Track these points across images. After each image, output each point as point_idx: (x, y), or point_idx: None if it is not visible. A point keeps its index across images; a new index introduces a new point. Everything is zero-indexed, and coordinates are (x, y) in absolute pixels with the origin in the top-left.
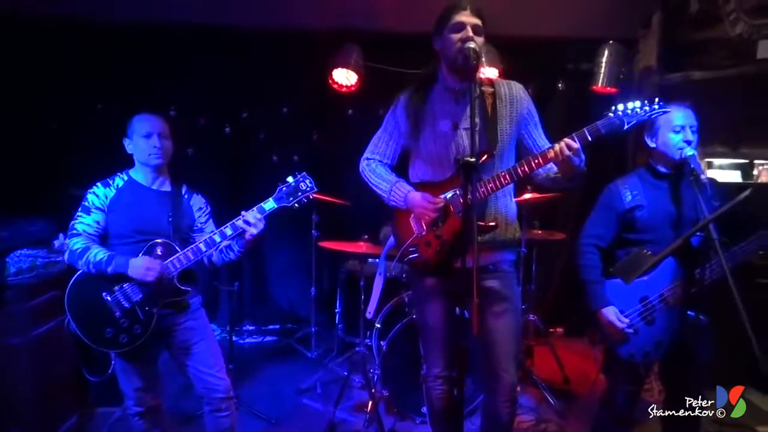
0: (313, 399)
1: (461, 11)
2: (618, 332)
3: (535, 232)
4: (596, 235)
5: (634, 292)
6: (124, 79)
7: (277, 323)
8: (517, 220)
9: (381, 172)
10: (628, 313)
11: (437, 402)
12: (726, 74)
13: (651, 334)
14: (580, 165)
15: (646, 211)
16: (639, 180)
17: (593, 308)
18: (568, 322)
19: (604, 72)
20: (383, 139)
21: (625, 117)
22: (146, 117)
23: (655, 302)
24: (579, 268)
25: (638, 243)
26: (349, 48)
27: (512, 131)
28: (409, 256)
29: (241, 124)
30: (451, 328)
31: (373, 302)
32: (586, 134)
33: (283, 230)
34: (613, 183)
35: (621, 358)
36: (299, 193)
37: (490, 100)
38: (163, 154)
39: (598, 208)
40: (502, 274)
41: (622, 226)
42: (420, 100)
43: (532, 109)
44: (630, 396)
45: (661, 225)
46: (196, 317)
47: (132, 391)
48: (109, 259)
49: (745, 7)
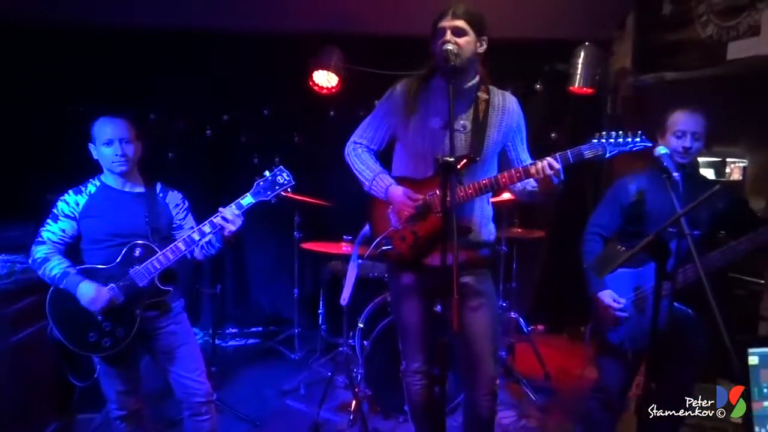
0: (297, 400)
1: (444, 17)
2: (613, 315)
3: (514, 230)
4: (600, 225)
5: (629, 281)
6: (102, 82)
7: (260, 325)
8: (492, 223)
9: (366, 159)
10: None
11: (417, 397)
12: (698, 75)
13: (642, 322)
14: (558, 185)
15: (648, 205)
16: (646, 177)
17: (591, 292)
18: (548, 319)
19: (580, 73)
20: (372, 124)
21: (609, 145)
22: (107, 121)
23: (648, 292)
24: (582, 254)
25: (639, 235)
26: (329, 50)
27: (499, 140)
28: (383, 248)
29: (222, 126)
30: (428, 324)
31: (347, 289)
32: (569, 156)
33: (265, 232)
34: (622, 178)
35: (612, 345)
36: (277, 187)
37: (483, 107)
38: (127, 160)
39: (605, 200)
40: (477, 271)
41: (626, 219)
42: (420, 90)
43: (522, 124)
44: (621, 383)
45: (661, 219)
46: (179, 321)
47: (114, 395)
48: (62, 276)
49: (715, 10)
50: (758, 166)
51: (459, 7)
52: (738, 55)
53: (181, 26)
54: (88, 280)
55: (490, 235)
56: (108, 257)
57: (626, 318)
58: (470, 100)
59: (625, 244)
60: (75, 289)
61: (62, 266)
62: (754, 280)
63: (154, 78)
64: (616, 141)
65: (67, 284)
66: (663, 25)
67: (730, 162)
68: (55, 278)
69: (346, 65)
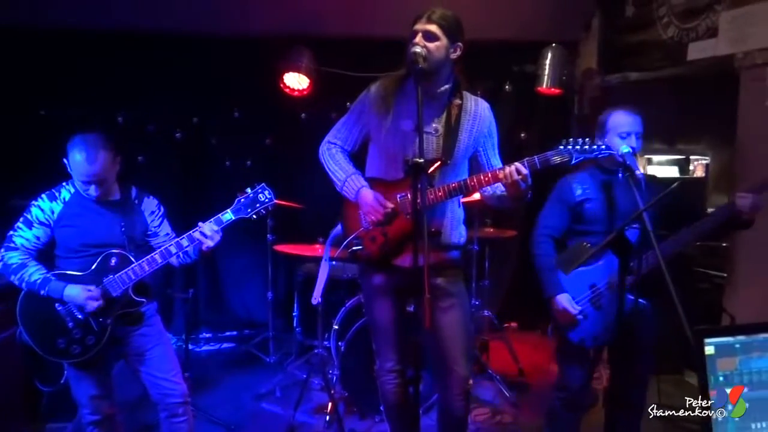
0: (273, 403)
1: (419, 20)
2: (570, 318)
3: (487, 230)
4: (550, 226)
5: (584, 279)
6: (69, 85)
7: (234, 329)
8: (463, 226)
9: (339, 160)
10: (579, 299)
11: (391, 396)
12: (660, 75)
13: (600, 319)
14: (526, 190)
15: (594, 204)
16: (588, 175)
17: (547, 295)
18: (521, 316)
19: (548, 74)
20: (347, 125)
21: (575, 152)
22: (84, 158)
23: (603, 289)
24: (534, 257)
25: (586, 234)
26: (300, 51)
27: (470, 145)
28: (354, 248)
29: (192, 129)
30: (400, 323)
31: (319, 287)
32: (536, 162)
33: (237, 235)
34: (564, 177)
35: (572, 343)
36: (258, 204)
37: (455, 111)
38: (99, 191)
39: (551, 201)
40: (448, 272)
41: (572, 218)
42: (391, 93)
43: (494, 130)
44: (581, 380)
45: (607, 217)
46: (151, 323)
47: (87, 400)
48: (43, 282)
49: (676, 12)
50: (720, 164)
51: (435, 12)
52: (697, 55)
53: (150, 29)
54: (71, 284)
55: (460, 237)
56: (83, 265)
57: (584, 317)
58: (443, 104)
59: (573, 242)
60: (61, 293)
61: (41, 273)
62: (717, 274)
63: (122, 81)
64: (582, 148)
65: (50, 290)
66: (626, 27)
67: (694, 159)
68: (36, 284)
69: (317, 67)
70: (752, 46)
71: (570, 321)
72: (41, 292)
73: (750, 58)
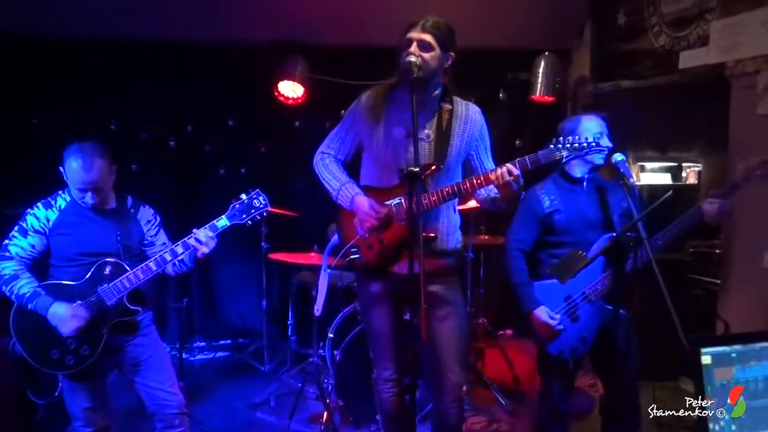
0: (267, 413)
1: (413, 28)
2: (550, 330)
3: (481, 237)
4: (520, 239)
5: (559, 291)
6: (62, 94)
7: (229, 338)
8: (459, 231)
9: (333, 169)
10: (555, 311)
11: (388, 405)
12: (652, 83)
13: (577, 331)
14: (518, 191)
15: (563, 215)
16: (554, 185)
17: (525, 310)
18: (516, 323)
19: (541, 81)
20: (339, 134)
21: (565, 150)
22: (81, 166)
23: (578, 300)
24: (508, 272)
25: (558, 245)
26: (294, 59)
27: (462, 149)
28: (351, 257)
29: (186, 137)
30: (398, 332)
31: (320, 299)
32: (527, 162)
33: (232, 243)
34: (531, 189)
35: (551, 356)
36: (252, 210)
37: (446, 116)
38: (96, 200)
39: (519, 213)
40: (444, 279)
41: (542, 230)
42: (384, 100)
43: (485, 133)
44: (562, 390)
45: (577, 227)
46: (146, 333)
47: (80, 412)
48: (32, 296)
49: (667, 21)
50: (712, 170)
51: (428, 21)
52: (689, 64)
53: (144, 36)
54: (60, 302)
55: (456, 243)
56: (77, 274)
57: (562, 330)
58: (434, 109)
59: (544, 254)
60: (46, 311)
61: (32, 286)
62: (710, 281)
63: (115, 88)
64: (572, 146)
65: (37, 305)
66: (618, 35)
67: (686, 166)
68: (24, 297)
69: (311, 75)
70: (743, 55)
71: (551, 333)
72: (29, 306)
73: (741, 66)
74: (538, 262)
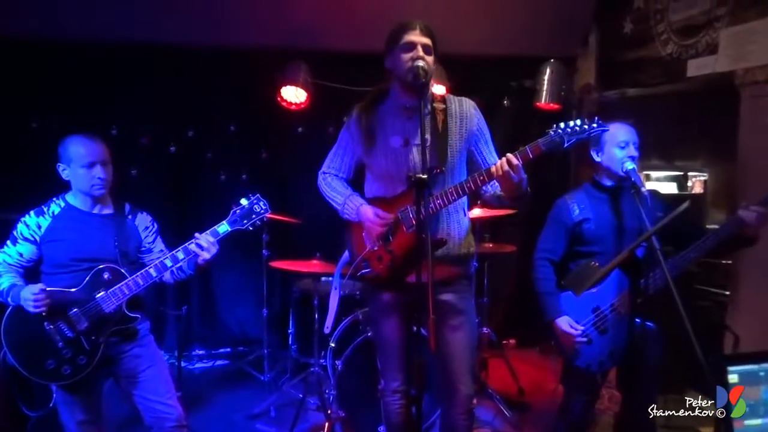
0: (267, 424)
1: (411, 30)
2: (572, 341)
3: (485, 245)
4: (548, 249)
5: (587, 303)
6: (61, 97)
7: (228, 346)
8: (471, 235)
9: (336, 186)
10: (582, 323)
11: (395, 417)
12: (659, 91)
13: (605, 344)
14: (521, 183)
15: (593, 224)
16: (585, 194)
17: (548, 319)
18: (520, 333)
19: (546, 89)
20: (338, 154)
21: (565, 135)
22: (84, 142)
23: (607, 312)
24: (534, 281)
25: (588, 255)
26: (296, 65)
27: (462, 147)
28: (362, 271)
29: (187, 142)
30: (407, 343)
31: (330, 317)
32: (527, 151)
33: (232, 250)
34: (561, 198)
35: (578, 369)
36: (253, 215)
37: (441, 117)
38: (106, 183)
39: (549, 223)
40: (458, 287)
41: (571, 240)
42: (372, 116)
43: (483, 126)
44: (585, 405)
45: (607, 237)
46: (144, 344)
47: (75, 425)
48: (9, 288)
49: (675, 28)
50: (718, 180)
51: (421, 23)
52: (697, 72)
53: (145, 40)
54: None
55: (469, 247)
56: (73, 282)
57: (588, 342)
58: (426, 113)
59: (574, 264)
60: (19, 298)
61: (12, 280)
62: (719, 292)
63: (116, 92)
64: (572, 129)
65: (13, 296)
66: (625, 43)
67: (692, 176)
68: (3, 293)
69: (314, 81)
70: (753, 63)
71: (573, 344)
72: (8, 300)
73: (751, 74)
74: (568, 272)
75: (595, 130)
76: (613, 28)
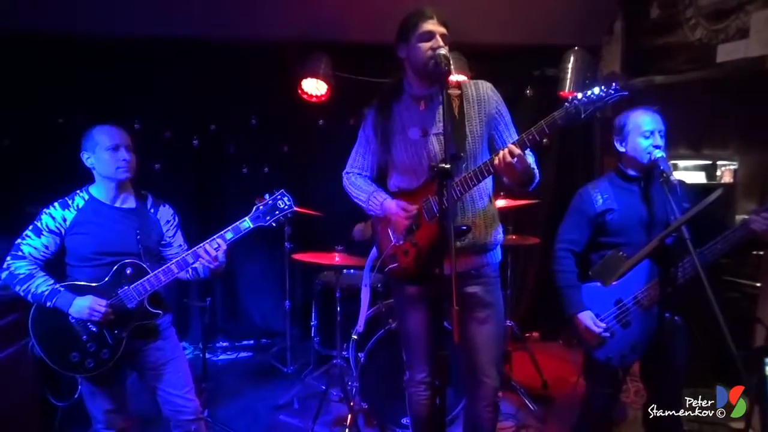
0: (291, 415)
1: (428, 20)
2: (594, 337)
3: (509, 237)
4: (570, 240)
5: (609, 295)
6: (86, 93)
7: (251, 338)
8: (498, 223)
9: (360, 184)
10: (603, 316)
11: (420, 408)
12: (687, 78)
13: (627, 337)
14: (525, 170)
15: (617, 215)
16: (609, 184)
17: (569, 313)
18: (543, 325)
19: (570, 78)
20: (359, 153)
21: (581, 105)
22: (109, 129)
23: (629, 305)
24: (554, 273)
25: (611, 246)
26: (318, 57)
27: (482, 132)
28: (389, 266)
29: (209, 136)
30: (433, 335)
31: (362, 315)
32: (543, 127)
33: (255, 243)
34: (584, 188)
35: (598, 362)
36: (277, 212)
37: (457, 103)
38: (130, 167)
39: (570, 213)
40: (486, 279)
41: (594, 230)
42: (386, 112)
43: (503, 108)
44: (608, 399)
45: (633, 227)
46: (166, 336)
47: (101, 414)
48: (51, 293)
49: (704, 13)
50: (749, 168)
51: (437, 11)
52: (727, 57)
53: (167, 35)
54: (81, 296)
55: (497, 234)
56: (96, 275)
57: (611, 335)
58: (439, 101)
59: (596, 255)
60: (69, 306)
61: (49, 284)
62: (749, 283)
63: (139, 87)
64: (589, 99)
65: (59, 302)
66: (651, 29)
67: (721, 165)
68: (43, 296)
69: (335, 73)
70: None
71: (595, 339)
72: (47, 304)
73: None
74: (590, 263)
75: (613, 96)
76: (639, 13)
